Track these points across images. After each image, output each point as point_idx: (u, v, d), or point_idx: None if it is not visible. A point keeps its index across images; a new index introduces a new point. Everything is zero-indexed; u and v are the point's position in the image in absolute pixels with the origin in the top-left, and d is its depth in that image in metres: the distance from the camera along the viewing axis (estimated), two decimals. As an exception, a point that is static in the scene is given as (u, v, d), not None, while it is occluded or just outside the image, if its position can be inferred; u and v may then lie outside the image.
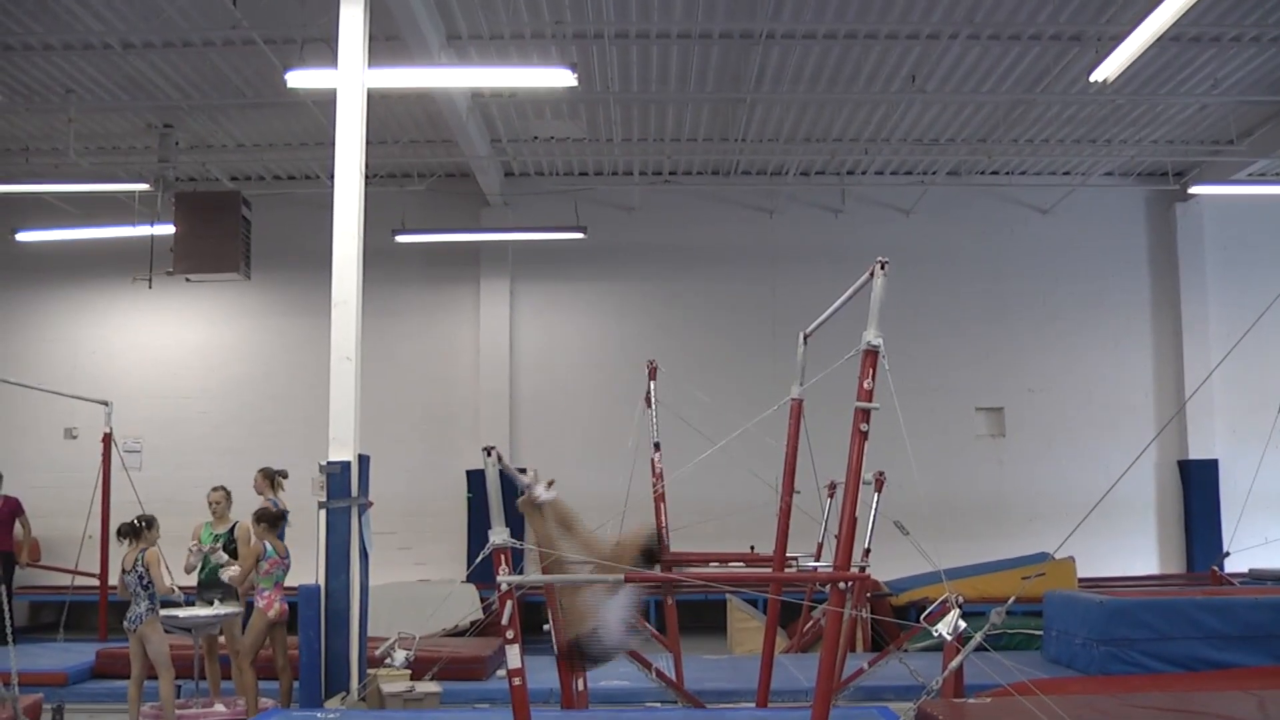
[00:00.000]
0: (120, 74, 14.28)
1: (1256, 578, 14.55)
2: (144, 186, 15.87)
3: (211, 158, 17.11)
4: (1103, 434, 18.09)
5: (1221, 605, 10.60)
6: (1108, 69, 11.61)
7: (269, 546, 10.08)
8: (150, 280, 15.70)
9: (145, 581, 9.55)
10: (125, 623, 9.65)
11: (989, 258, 18.95)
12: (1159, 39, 10.89)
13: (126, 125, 16.12)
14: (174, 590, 10.01)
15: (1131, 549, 18.42)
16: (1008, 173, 18.54)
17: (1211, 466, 18.54)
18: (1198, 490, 18.53)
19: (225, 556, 10.45)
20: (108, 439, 14.50)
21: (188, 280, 15.41)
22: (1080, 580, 14.80)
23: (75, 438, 18.16)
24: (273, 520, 10.24)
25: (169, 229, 14.99)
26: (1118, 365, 18.90)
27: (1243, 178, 17.75)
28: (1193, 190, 17.85)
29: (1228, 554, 15.54)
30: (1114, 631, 10.38)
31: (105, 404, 14.59)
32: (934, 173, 18.31)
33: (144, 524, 9.88)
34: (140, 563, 9.63)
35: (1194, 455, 18.61)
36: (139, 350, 18.76)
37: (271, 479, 11.23)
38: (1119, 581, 16.70)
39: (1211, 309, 18.68)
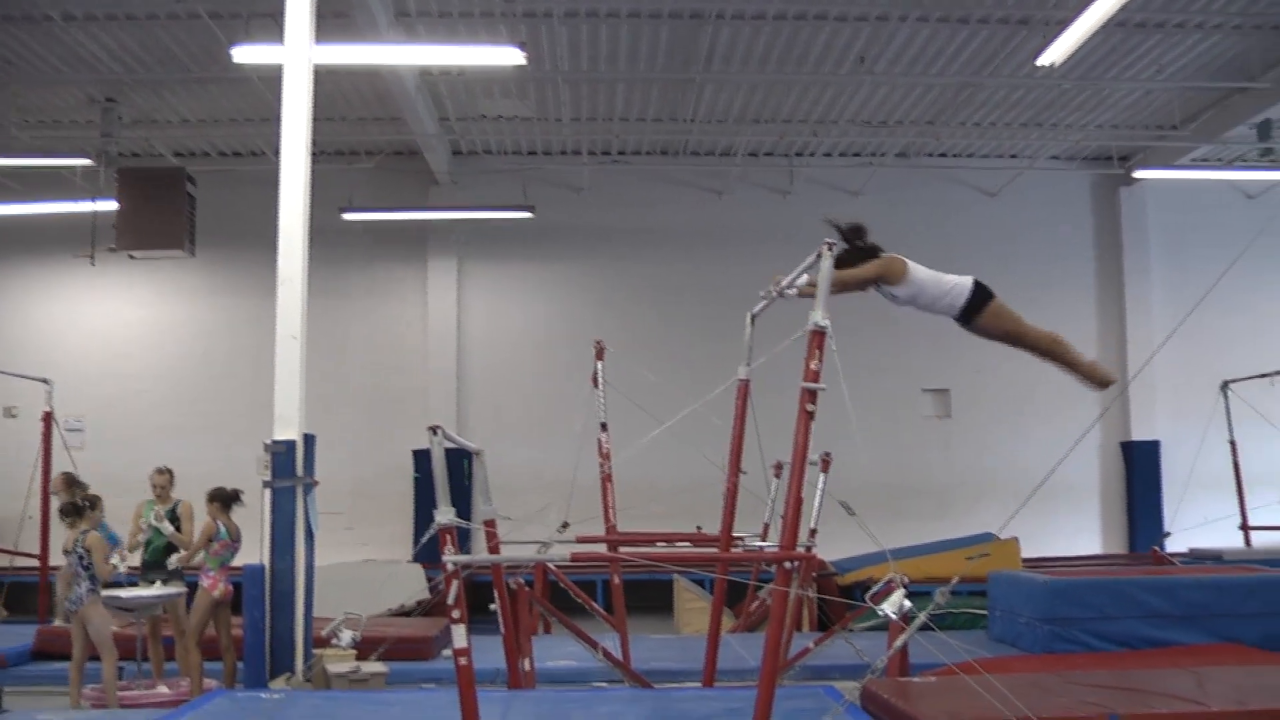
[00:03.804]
0: (61, 47, 14.05)
1: (1196, 557, 14.75)
2: (86, 161, 15.64)
3: (155, 133, 16.91)
4: (1047, 415, 18.17)
5: (1162, 585, 10.74)
6: (1054, 53, 11.69)
7: (222, 528, 10.02)
8: (93, 257, 15.52)
9: (86, 563, 9.47)
10: (66, 604, 9.57)
11: (936, 239, 18.97)
12: (1105, 24, 10.98)
13: (68, 99, 15.85)
14: (117, 570, 9.92)
15: (1075, 529, 18.61)
16: (955, 155, 18.66)
17: (1153, 448, 18.75)
18: (1140, 471, 18.75)
19: (170, 527, 10.38)
20: (48, 418, 14.37)
21: (131, 257, 15.24)
22: (1024, 560, 14.93)
23: (15, 416, 17.89)
24: (226, 500, 10.18)
25: (112, 205, 14.83)
26: (1063, 347, 19.03)
27: (1186, 162, 17.96)
28: (1137, 174, 17.98)
29: (1169, 534, 15.80)
30: (1057, 611, 10.50)
31: (46, 382, 14.45)
32: (882, 154, 18.35)
33: (87, 504, 9.79)
34: (81, 544, 9.54)
35: (1136, 437, 18.82)
36: (81, 328, 18.52)
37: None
38: (1062, 561, 16.83)
39: (1155, 292, 18.88)
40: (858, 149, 18.47)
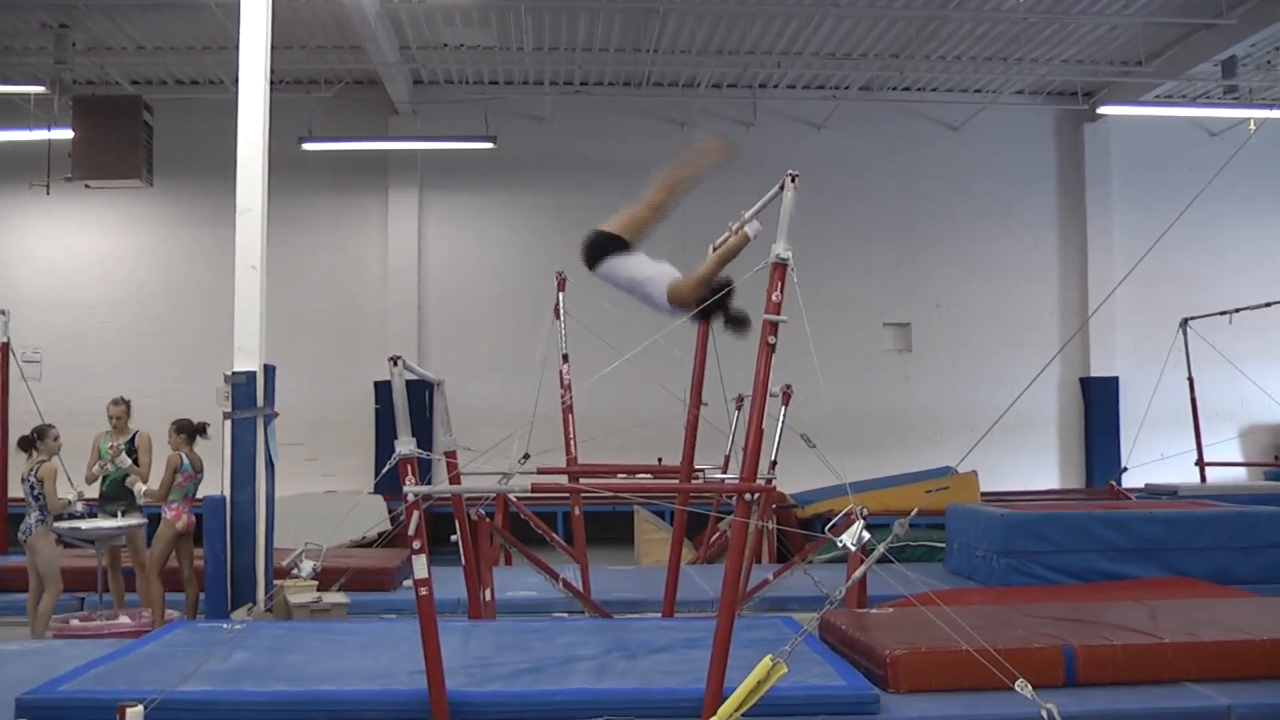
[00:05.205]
0: (13, -30, 13.80)
1: (1152, 493, 14.91)
2: (40, 89, 15.40)
3: (110, 60, 16.62)
4: (1008, 350, 18.34)
5: (1118, 519, 10.84)
6: (1020, -14, 11.64)
7: (185, 459, 9.97)
8: (48, 186, 15.31)
9: (37, 493, 9.43)
10: (18, 534, 9.53)
11: (899, 174, 19.03)
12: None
13: (19, 24, 15.51)
14: (70, 503, 9.86)
15: (1033, 464, 18.80)
16: (919, 89, 18.59)
17: (1112, 384, 18.91)
18: (1098, 407, 18.92)
19: (128, 460, 10.31)
20: (5, 349, 14.20)
21: (87, 186, 15.04)
22: (983, 494, 15.03)
23: (-29, 347, 17.74)
24: (191, 432, 10.13)
25: (67, 134, 14.60)
26: (1024, 283, 19.15)
27: (1150, 99, 17.94)
28: (1101, 110, 18.02)
29: (1125, 469, 15.94)
30: (1014, 544, 10.59)
31: (2, 313, 14.26)
32: (846, 88, 18.28)
33: (35, 435, 9.75)
34: (34, 474, 9.49)
35: (1095, 373, 18.96)
36: (38, 258, 18.30)
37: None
38: (1020, 495, 17.00)
39: (1116, 229, 18.96)
40: (821, 82, 18.38)
